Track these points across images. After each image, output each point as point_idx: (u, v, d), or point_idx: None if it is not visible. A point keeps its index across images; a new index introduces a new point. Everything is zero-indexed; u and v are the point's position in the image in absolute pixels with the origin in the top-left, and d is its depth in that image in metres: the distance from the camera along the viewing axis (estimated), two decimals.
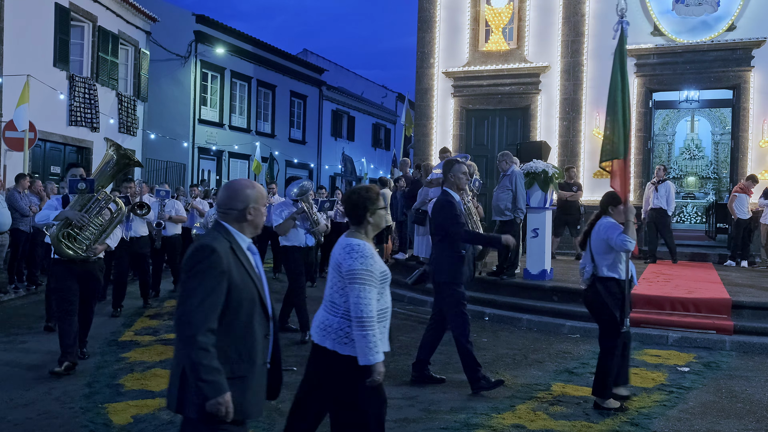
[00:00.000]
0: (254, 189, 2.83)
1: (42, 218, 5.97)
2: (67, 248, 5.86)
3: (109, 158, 6.31)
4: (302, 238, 7.51)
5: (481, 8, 14.92)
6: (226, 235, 2.75)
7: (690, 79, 13.46)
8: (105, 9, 17.49)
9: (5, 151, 13.63)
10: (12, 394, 5.25)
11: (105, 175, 6.26)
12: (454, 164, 5.81)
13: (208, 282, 2.58)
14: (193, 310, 2.55)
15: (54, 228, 5.83)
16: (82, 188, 5.88)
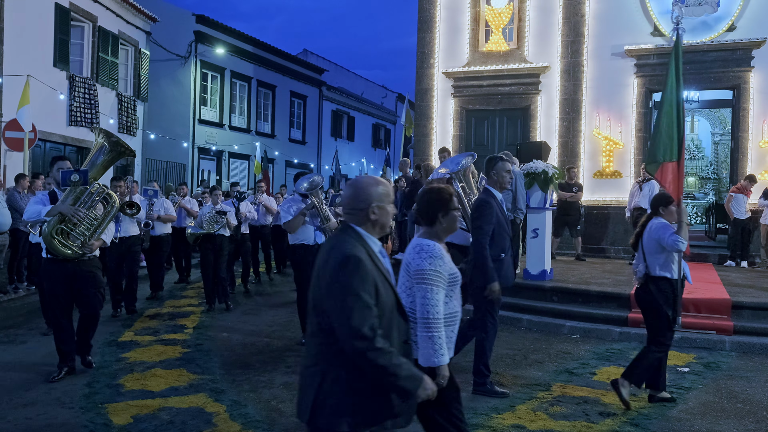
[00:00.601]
0: (378, 186, 2.69)
1: (32, 214, 5.54)
2: (62, 246, 5.51)
3: (100, 146, 5.88)
4: (312, 235, 7.16)
5: (481, 8, 14.92)
6: (358, 239, 2.63)
7: (690, 79, 13.44)
8: (105, 9, 17.49)
9: (5, 151, 13.63)
10: (12, 394, 5.25)
11: (97, 165, 5.82)
12: (497, 162, 5.62)
13: (361, 290, 2.49)
14: (359, 324, 2.45)
15: (46, 225, 5.50)
16: (76, 180, 5.48)
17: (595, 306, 8.36)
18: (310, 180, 7.10)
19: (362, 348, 2.45)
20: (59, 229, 5.49)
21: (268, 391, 5.46)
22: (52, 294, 5.76)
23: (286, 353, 6.79)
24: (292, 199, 7.30)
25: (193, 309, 9.31)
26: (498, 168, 5.58)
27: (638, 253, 5.45)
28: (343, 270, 2.51)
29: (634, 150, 13.68)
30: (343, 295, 2.48)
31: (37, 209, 5.48)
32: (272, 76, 26.87)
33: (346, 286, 2.49)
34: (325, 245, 2.76)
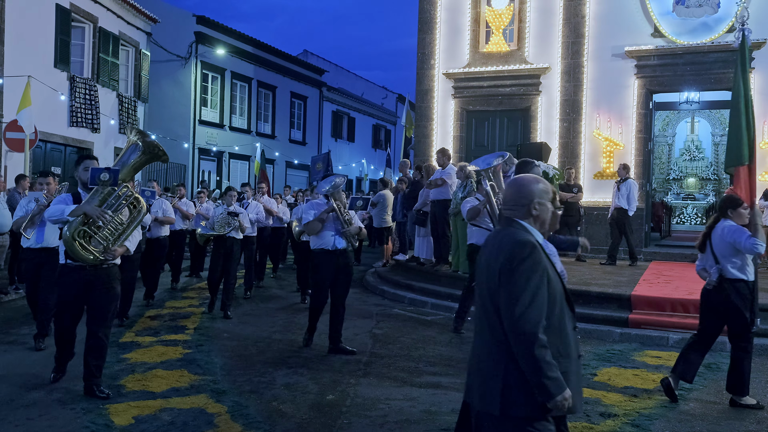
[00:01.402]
0: (539, 184, 2.81)
1: (54, 213, 5.08)
2: (83, 249, 5.00)
3: (132, 145, 5.37)
4: (330, 240, 6.84)
5: (482, 9, 14.94)
6: (525, 231, 2.73)
7: (690, 80, 13.46)
8: (106, 10, 17.51)
9: (6, 152, 13.64)
10: (13, 395, 5.25)
11: (128, 166, 5.31)
12: (532, 167, 5.65)
13: (535, 278, 2.56)
14: (527, 308, 2.52)
15: (66, 226, 5.02)
16: (105, 179, 4.99)
17: (596, 307, 8.36)
18: (331, 182, 6.88)
19: (528, 333, 2.51)
20: (82, 231, 5.01)
21: (270, 391, 5.47)
22: (63, 301, 5.32)
23: (286, 354, 6.80)
24: (316, 202, 7.04)
25: (193, 310, 9.32)
26: (534, 173, 5.59)
27: (705, 255, 5.44)
28: (518, 256, 2.59)
29: (635, 151, 13.69)
30: (518, 280, 2.56)
31: (60, 208, 5.07)
32: (272, 76, 26.89)
33: (521, 272, 2.56)
34: (492, 240, 2.83)
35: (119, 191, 5.15)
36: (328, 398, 5.32)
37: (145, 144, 5.36)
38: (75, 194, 5.31)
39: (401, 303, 10.06)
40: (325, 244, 6.85)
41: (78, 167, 5.37)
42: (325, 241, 6.85)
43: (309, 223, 6.82)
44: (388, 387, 5.65)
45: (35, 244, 6.91)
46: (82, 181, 5.27)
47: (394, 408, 5.10)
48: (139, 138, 5.37)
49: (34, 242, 6.90)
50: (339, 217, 6.82)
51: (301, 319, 8.71)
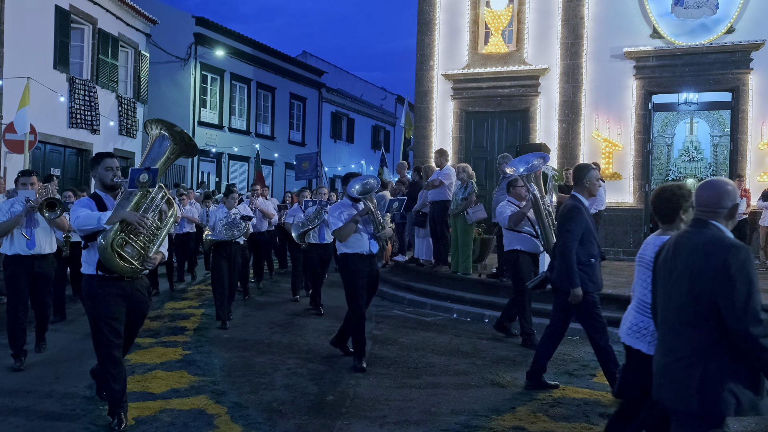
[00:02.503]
0: (733, 186, 2.96)
1: (87, 222, 4.39)
2: (120, 259, 4.43)
3: (158, 138, 4.74)
4: (365, 244, 6.41)
5: (481, 11, 14.95)
6: (724, 232, 2.87)
7: (689, 81, 13.48)
8: (105, 11, 17.52)
9: (5, 153, 13.65)
10: (13, 396, 5.26)
11: (159, 163, 4.75)
12: (590, 169, 5.61)
13: (754, 277, 2.70)
14: (756, 304, 2.67)
15: (101, 235, 4.39)
16: (145, 180, 4.46)
17: None
18: (363, 182, 6.42)
19: (758, 333, 2.64)
20: (120, 239, 4.44)
21: (269, 392, 5.48)
22: (108, 318, 4.55)
23: (286, 355, 6.80)
24: (341, 204, 6.59)
25: (193, 311, 9.32)
26: (590, 176, 5.55)
27: None
28: (738, 259, 2.71)
29: (634, 152, 13.71)
30: (743, 284, 2.68)
31: (93, 216, 4.39)
32: (272, 78, 26.90)
33: (746, 275, 2.68)
34: (688, 242, 2.92)
35: (154, 193, 4.59)
36: (327, 399, 5.33)
37: (174, 134, 4.73)
38: (94, 196, 4.71)
39: (400, 304, 10.07)
40: (361, 248, 6.39)
41: (97, 167, 4.73)
42: (360, 245, 6.39)
43: (342, 228, 6.28)
44: (388, 388, 5.66)
45: (25, 251, 6.20)
46: (104, 183, 4.70)
47: (394, 409, 5.11)
48: (164, 129, 4.75)
49: (24, 248, 6.20)
50: (374, 219, 6.41)
51: (300, 321, 8.73)
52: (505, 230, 7.55)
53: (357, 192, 6.40)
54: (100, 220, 4.37)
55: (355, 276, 6.38)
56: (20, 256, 6.20)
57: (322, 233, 9.28)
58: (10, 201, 6.39)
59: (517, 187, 7.58)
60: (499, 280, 9.52)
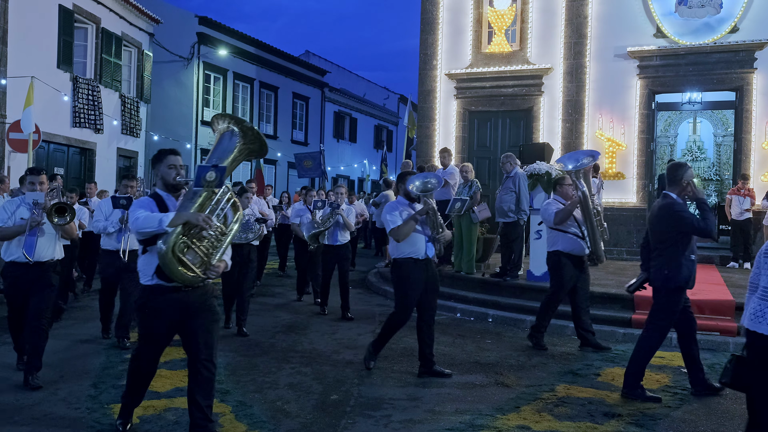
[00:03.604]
0: None
1: (148, 224, 3.94)
2: (182, 266, 3.96)
3: (227, 133, 4.27)
4: (422, 247, 5.92)
5: (484, 10, 14.94)
6: None
7: (692, 81, 13.46)
8: (108, 11, 17.55)
9: (9, 153, 13.68)
10: (17, 394, 5.27)
11: (227, 161, 4.26)
12: (687, 168, 5.51)
13: None
14: None
15: (161, 239, 3.92)
16: (212, 179, 4.04)
17: (599, 307, 8.35)
18: (424, 179, 5.91)
19: None
20: (182, 244, 3.97)
21: (273, 391, 5.48)
22: (152, 333, 4.20)
23: (290, 354, 6.81)
24: (398, 202, 6.09)
25: None
26: (687, 176, 5.49)
27: None
28: None
29: (637, 151, 13.70)
30: None
31: (154, 217, 3.96)
32: (275, 77, 26.92)
33: None
34: None
35: (220, 194, 4.14)
36: (332, 398, 5.33)
37: (244, 130, 4.27)
38: (155, 196, 4.28)
39: None
40: (416, 252, 5.93)
41: (159, 164, 4.31)
42: (416, 248, 5.92)
43: (401, 227, 5.82)
44: (392, 387, 5.66)
45: (22, 258, 5.60)
46: (167, 182, 4.28)
47: (398, 408, 5.10)
48: (233, 123, 4.28)
49: (22, 255, 5.60)
50: (434, 220, 5.92)
51: (303, 320, 8.73)
52: (549, 229, 7.22)
53: (417, 189, 5.85)
54: (161, 222, 3.91)
55: (407, 284, 5.93)
56: (17, 263, 5.64)
57: (335, 234, 8.98)
58: (14, 202, 5.78)
59: (564, 185, 7.24)
60: (503, 280, 9.52)
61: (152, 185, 9.58)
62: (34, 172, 5.84)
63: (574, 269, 7.12)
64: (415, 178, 5.95)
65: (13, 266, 5.68)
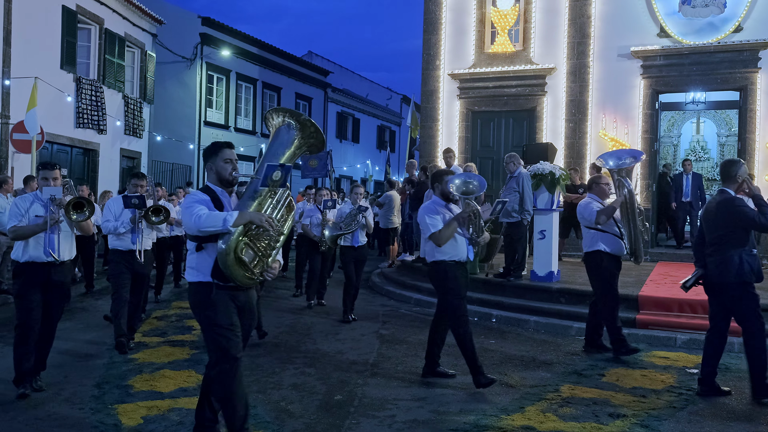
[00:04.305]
0: None
1: (210, 222, 3.72)
2: (241, 267, 3.82)
3: (283, 127, 4.08)
4: (463, 250, 5.69)
5: (487, 10, 14.93)
6: None
7: (696, 80, 13.43)
8: (111, 11, 17.57)
9: (13, 153, 13.69)
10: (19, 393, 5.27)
11: (286, 158, 4.07)
12: (741, 165, 5.50)
13: None
14: None
15: (222, 238, 3.77)
16: (277, 178, 3.88)
17: None
18: (465, 180, 5.61)
19: None
20: (244, 244, 3.82)
21: (277, 392, 5.47)
22: (230, 324, 4.00)
23: (293, 355, 6.80)
24: (435, 203, 5.79)
25: None
26: (742, 172, 5.50)
27: None
28: None
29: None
30: None
31: (218, 216, 3.74)
32: (277, 78, 26.93)
33: None
34: None
35: (280, 193, 4.02)
36: (336, 398, 5.32)
37: (302, 123, 4.06)
38: (205, 189, 4.04)
39: (407, 304, 10.06)
40: (458, 254, 5.67)
41: (214, 157, 4.04)
42: (458, 251, 5.66)
43: (443, 231, 5.53)
44: (396, 387, 5.65)
45: (41, 258, 5.27)
46: (222, 177, 4.03)
47: (402, 408, 5.09)
48: (289, 117, 4.08)
49: (40, 255, 5.27)
50: (476, 221, 5.65)
51: (307, 321, 8.72)
52: (587, 229, 6.93)
53: (456, 190, 5.55)
54: (226, 222, 3.70)
55: (455, 285, 5.66)
56: (35, 264, 5.26)
57: (356, 235, 8.78)
58: (26, 198, 5.37)
59: (600, 183, 7.06)
60: (507, 280, 9.50)
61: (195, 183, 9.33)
62: (48, 167, 5.42)
63: (615, 270, 6.91)
64: (456, 177, 5.69)
65: (31, 267, 5.26)
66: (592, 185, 7.19)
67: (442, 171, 6.04)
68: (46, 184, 5.29)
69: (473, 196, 5.58)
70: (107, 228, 6.88)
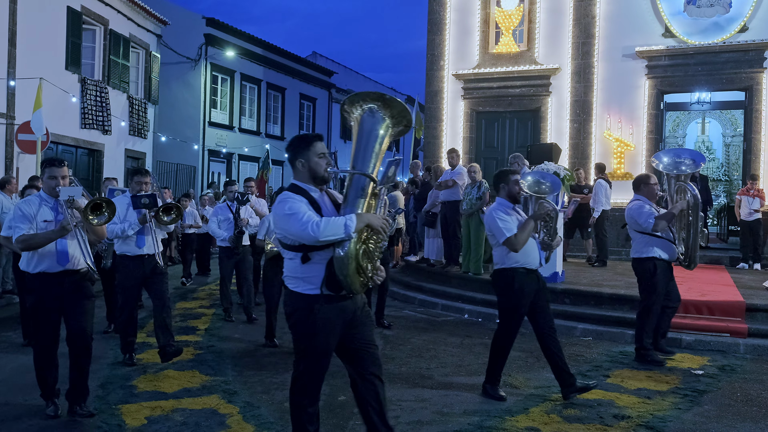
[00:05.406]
0: None
1: (331, 230, 3.32)
2: (359, 274, 3.45)
3: (365, 115, 3.63)
4: (536, 255, 5.28)
5: (492, 10, 14.91)
6: None
7: (701, 80, 13.40)
8: (116, 12, 17.60)
9: (18, 154, 13.73)
10: (26, 395, 5.28)
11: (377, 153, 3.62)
12: None
13: None
14: None
15: (340, 246, 3.39)
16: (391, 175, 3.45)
17: (608, 308, 8.33)
18: (538, 180, 5.32)
19: None
20: (363, 251, 3.46)
21: (281, 392, 5.46)
22: (324, 349, 3.61)
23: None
24: (502, 204, 5.32)
25: (204, 311, 9.33)
26: None
27: None
28: None
29: (646, 152, 13.63)
30: None
31: (338, 222, 3.35)
32: (282, 78, 26.96)
33: None
34: None
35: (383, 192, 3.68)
36: (339, 399, 5.31)
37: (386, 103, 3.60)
38: (300, 191, 3.57)
39: (411, 304, 10.04)
40: (531, 261, 5.26)
41: (306, 152, 3.60)
42: (531, 257, 5.25)
43: (523, 233, 5.12)
44: (400, 388, 5.63)
45: (54, 267, 4.67)
46: (316, 174, 3.60)
47: (406, 409, 5.08)
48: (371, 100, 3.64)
49: (53, 264, 4.67)
50: (550, 225, 5.29)
51: None
52: (637, 233, 6.57)
53: (529, 188, 5.28)
54: (348, 228, 3.33)
55: (521, 296, 5.23)
56: (48, 275, 4.68)
57: None
58: (31, 202, 4.74)
59: (650, 184, 6.62)
60: None
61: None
62: (55, 164, 4.78)
63: (669, 277, 6.66)
64: (525, 176, 5.38)
65: (43, 279, 4.67)
66: (639, 185, 6.70)
67: (507, 170, 5.53)
68: (55, 184, 4.68)
69: (546, 197, 5.31)
70: (113, 231, 6.02)
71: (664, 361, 6.57)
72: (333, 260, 3.40)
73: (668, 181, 6.62)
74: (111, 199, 5.20)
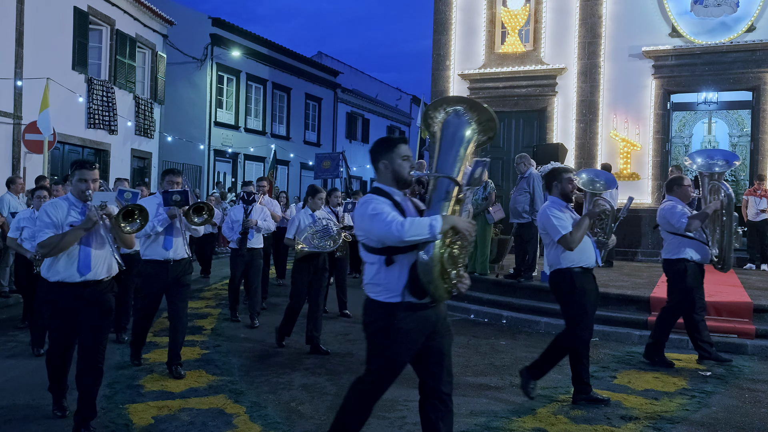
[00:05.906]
0: None
1: (416, 230, 3.16)
2: (445, 280, 3.30)
3: (451, 118, 3.44)
4: (592, 254, 5.16)
5: (497, 10, 14.89)
6: None
7: (708, 80, 13.35)
8: (123, 12, 17.65)
9: (25, 153, 13.78)
10: (34, 394, 5.30)
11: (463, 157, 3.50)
12: None
13: None
14: None
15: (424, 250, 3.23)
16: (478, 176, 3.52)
17: (615, 309, 8.30)
18: (593, 179, 5.30)
19: None
20: (448, 255, 3.29)
21: (288, 392, 5.47)
22: (399, 360, 3.49)
23: (304, 355, 6.80)
24: (556, 203, 5.26)
25: (210, 311, 9.35)
26: None
27: None
28: None
29: (652, 152, 13.59)
30: None
31: (423, 222, 3.20)
32: (287, 78, 26.99)
33: None
34: None
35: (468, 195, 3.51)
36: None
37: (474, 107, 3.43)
38: (382, 193, 3.45)
39: None
40: (588, 259, 5.14)
41: (390, 154, 3.47)
42: (587, 255, 5.13)
43: (578, 231, 5.01)
44: (406, 388, 5.61)
45: (74, 277, 4.36)
46: (400, 177, 3.47)
47: (413, 409, 5.05)
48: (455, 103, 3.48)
49: (73, 273, 4.36)
50: (606, 223, 5.22)
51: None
52: (669, 234, 6.46)
53: (583, 184, 5.20)
54: (433, 228, 3.16)
55: (585, 297, 5.08)
56: (66, 285, 4.37)
57: None
58: (59, 205, 4.41)
59: (683, 185, 6.52)
60: (517, 281, 9.46)
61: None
62: (86, 166, 4.47)
63: (700, 280, 6.52)
64: (580, 173, 5.31)
65: (61, 288, 4.37)
66: (672, 186, 6.60)
67: (561, 168, 5.43)
68: (85, 187, 4.38)
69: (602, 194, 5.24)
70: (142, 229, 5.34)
71: (672, 363, 6.54)
72: (416, 264, 3.25)
73: (701, 180, 6.52)
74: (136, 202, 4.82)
